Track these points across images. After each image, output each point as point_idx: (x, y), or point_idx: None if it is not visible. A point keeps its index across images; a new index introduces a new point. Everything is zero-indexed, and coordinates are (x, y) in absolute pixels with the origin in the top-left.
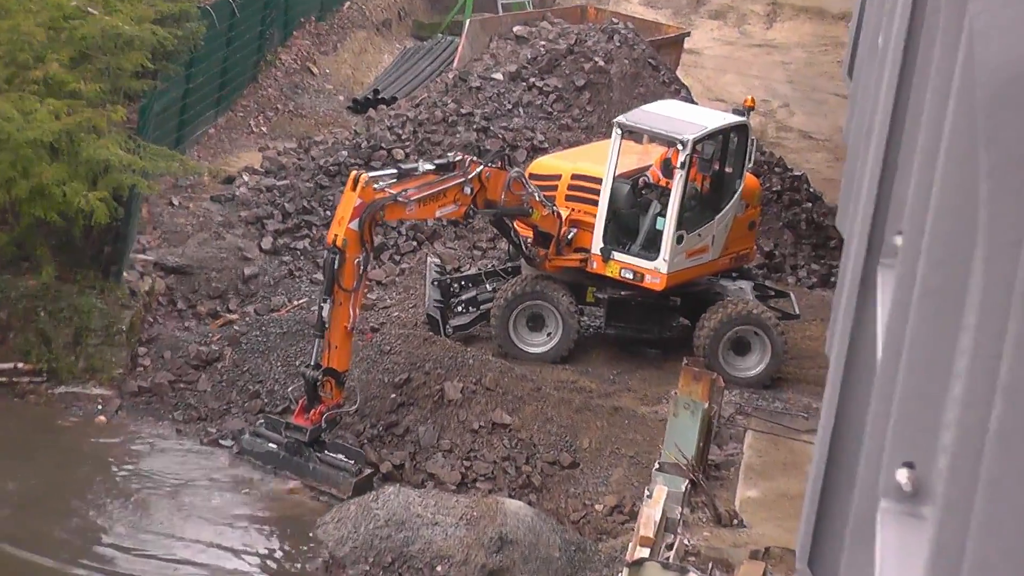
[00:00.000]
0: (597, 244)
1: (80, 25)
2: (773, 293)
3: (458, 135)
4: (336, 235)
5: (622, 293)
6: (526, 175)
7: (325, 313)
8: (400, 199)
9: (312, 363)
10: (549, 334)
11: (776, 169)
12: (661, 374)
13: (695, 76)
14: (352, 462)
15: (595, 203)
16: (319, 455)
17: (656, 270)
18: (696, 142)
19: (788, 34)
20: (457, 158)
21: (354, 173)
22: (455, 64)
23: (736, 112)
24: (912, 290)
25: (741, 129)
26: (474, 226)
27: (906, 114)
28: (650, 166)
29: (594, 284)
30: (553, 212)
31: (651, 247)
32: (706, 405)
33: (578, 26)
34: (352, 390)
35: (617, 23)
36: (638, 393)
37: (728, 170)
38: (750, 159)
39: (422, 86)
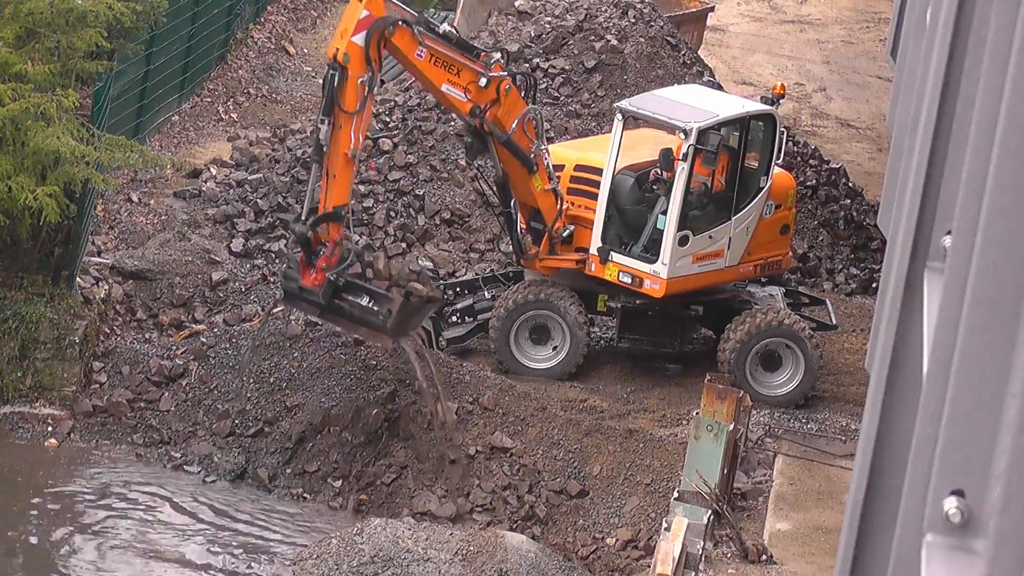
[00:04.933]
0: (595, 243)
1: None
2: (807, 300)
3: (453, 123)
4: (337, 48)
5: (637, 301)
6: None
7: (322, 135)
8: (415, 31)
9: (303, 215)
10: (555, 348)
11: (811, 161)
12: (681, 392)
13: (720, 56)
14: (377, 308)
15: (597, 197)
16: (348, 300)
17: (655, 274)
18: (702, 131)
19: (825, 9)
20: (484, 49)
21: None
22: None
23: (764, 101)
24: (962, 298)
25: (767, 119)
26: (471, 226)
27: (957, 100)
28: None
29: (606, 291)
30: (555, 193)
31: (653, 249)
32: (731, 427)
33: (588, 0)
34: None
35: None
36: (655, 414)
37: (753, 165)
38: (778, 154)
39: None
